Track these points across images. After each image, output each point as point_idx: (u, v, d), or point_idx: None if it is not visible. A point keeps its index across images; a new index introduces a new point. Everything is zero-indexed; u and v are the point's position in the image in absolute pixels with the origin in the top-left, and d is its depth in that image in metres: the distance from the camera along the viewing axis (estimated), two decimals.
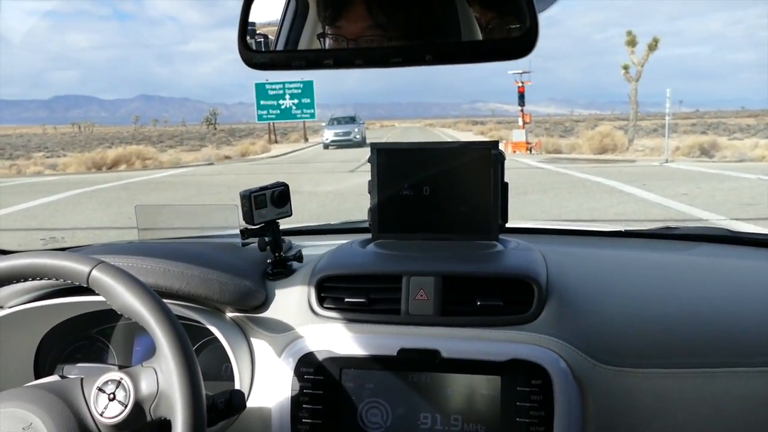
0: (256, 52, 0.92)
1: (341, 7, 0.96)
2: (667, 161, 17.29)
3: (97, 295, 0.96)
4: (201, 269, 1.22)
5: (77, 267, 0.93)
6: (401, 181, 1.36)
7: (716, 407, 1.07)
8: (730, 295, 1.25)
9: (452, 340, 1.13)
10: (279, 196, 1.32)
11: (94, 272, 0.93)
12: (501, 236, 1.36)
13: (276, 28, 1.00)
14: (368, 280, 1.22)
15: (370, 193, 1.38)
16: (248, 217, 1.29)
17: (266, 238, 1.31)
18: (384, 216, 1.38)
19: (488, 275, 1.19)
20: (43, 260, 0.95)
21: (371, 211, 1.38)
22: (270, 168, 18.88)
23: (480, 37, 0.93)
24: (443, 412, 1.11)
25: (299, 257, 1.36)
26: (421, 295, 1.17)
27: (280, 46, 0.99)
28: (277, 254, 1.33)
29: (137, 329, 1.41)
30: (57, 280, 0.95)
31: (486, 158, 1.32)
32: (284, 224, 1.36)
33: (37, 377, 1.36)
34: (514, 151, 21.27)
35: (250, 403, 1.16)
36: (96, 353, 1.42)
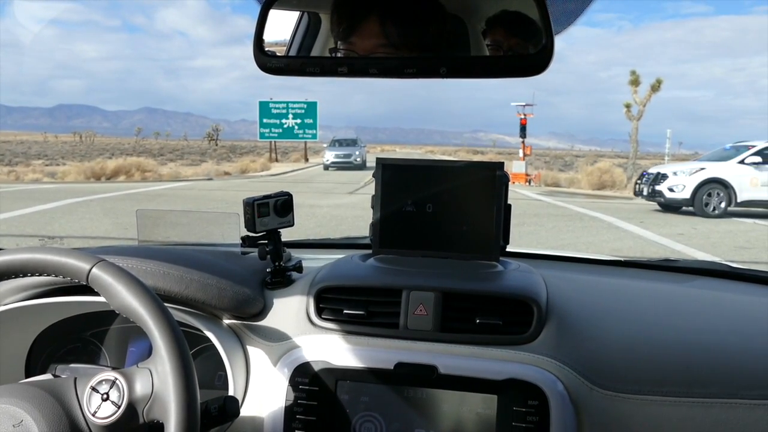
0: (271, 56, 0.93)
1: (355, 23, 0.97)
2: None
3: (95, 294, 0.95)
4: (200, 274, 1.21)
5: (78, 264, 0.93)
6: (405, 197, 1.36)
7: None
8: (728, 329, 1.25)
9: (450, 357, 1.13)
10: (282, 205, 1.32)
11: (95, 270, 0.92)
12: (501, 259, 1.35)
13: (285, 47, 1.00)
14: (368, 293, 1.21)
15: (373, 207, 1.38)
16: (250, 224, 1.29)
17: (267, 247, 1.31)
18: (385, 231, 1.37)
19: (488, 294, 1.18)
20: (44, 256, 0.94)
21: (373, 225, 1.38)
22: (268, 186, 18.81)
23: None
24: (438, 428, 1.10)
25: (299, 268, 1.35)
26: (421, 310, 1.17)
27: (291, 54, 1.00)
28: (277, 263, 1.33)
29: (131, 333, 1.40)
30: (56, 276, 0.94)
31: (491, 179, 1.32)
32: (284, 237, 1.36)
33: (27, 377, 1.34)
34: (513, 182, 21.34)
35: (243, 412, 1.15)
36: (89, 356, 1.40)
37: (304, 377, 1.14)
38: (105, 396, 0.89)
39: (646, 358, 1.14)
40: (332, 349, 1.16)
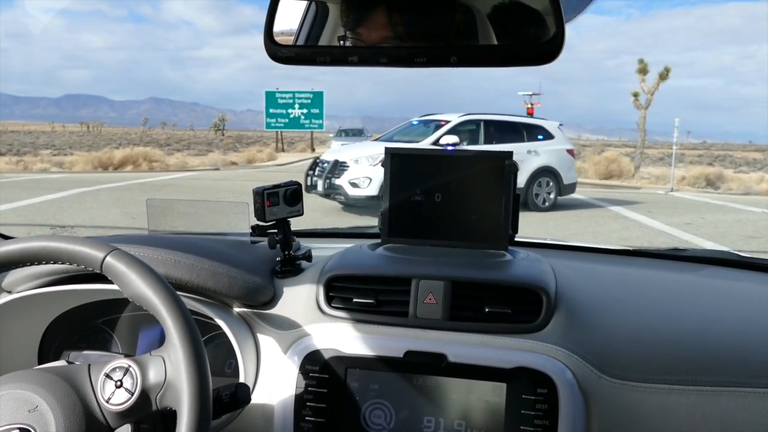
0: (281, 46, 0.92)
1: (362, 15, 0.97)
2: (672, 190, 17.29)
3: (107, 282, 0.96)
4: (211, 262, 1.22)
5: (92, 252, 0.93)
6: (414, 186, 1.36)
7: (720, 426, 1.07)
8: (736, 317, 1.25)
9: (459, 345, 1.13)
10: (292, 194, 1.32)
11: (108, 258, 0.93)
12: (510, 248, 1.36)
13: (293, 36, 1.00)
14: (377, 282, 1.22)
15: (381, 196, 1.38)
16: (260, 213, 1.29)
17: (277, 236, 1.32)
18: (394, 220, 1.38)
19: (497, 283, 1.19)
20: (58, 244, 0.95)
21: (382, 214, 1.39)
22: (275, 176, 18.80)
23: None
24: (447, 416, 1.11)
25: (308, 256, 1.36)
26: (430, 299, 1.17)
27: (300, 43, 1.00)
28: (286, 252, 1.33)
29: (142, 321, 1.41)
30: (70, 264, 0.95)
31: (499, 168, 1.32)
32: (293, 226, 1.36)
33: (40, 363, 1.36)
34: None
35: (253, 399, 1.16)
36: (100, 343, 1.42)
37: (315, 365, 1.15)
38: (119, 383, 0.90)
39: (654, 347, 1.14)
40: (342, 337, 1.17)
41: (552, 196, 11.90)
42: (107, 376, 0.91)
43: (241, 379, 1.17)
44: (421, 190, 1.36)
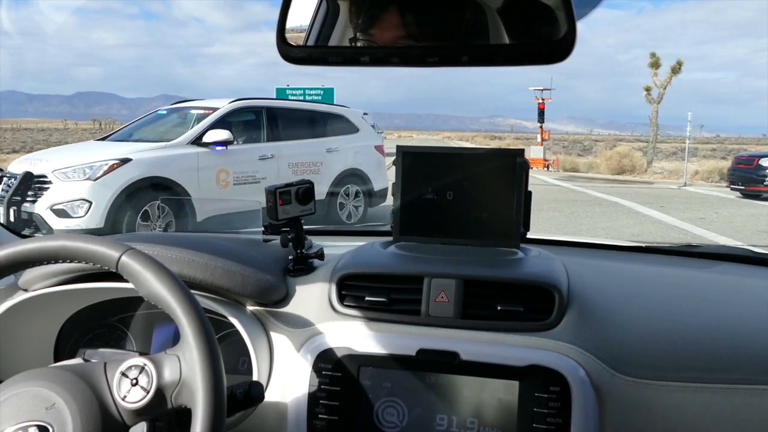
0: (293, 46, 0.93)
1: (374, 15, 0.97)
2: (685, 185, 17.19)
3: (122, 281, 0.96)
4: (224, 261, 1.23)
5: (108, 252, 0.94)
6: (425, 184, 1.36)
7: (734, 423, 1.06)
8: (750, 314, 1.25)
9: (472, 343, 1.13)
10: (304, 193, 1.33)
11: (124, 258, 0.94)
12: (522, 246, 1.36)
13: (304, 33, 1.00)
14: (389, 280, 1.22)
15: (393, 195, 1.38)
16: (272, 212, 1.30)
17: (289, 235, 1.32)
18: (406, 218, 1.38)
19: (509, 281, 1.19)
20: (75, 243, 0.96)
21: (394, 213, 1.39)
22: None
23: None
24: (460, 414, 1.11)
25: (321, 255, 1.37)
26: (442, 297, 1.18)
27: (311, 43, 1.00)
28: (298, 251, 1.34)
29: (156, 319, 1.42)
30: (86, 263, 0.96)
31: (511, 166, 1.32)
32: (305, 225, 1.37)
33: (56, 361, 1.37)
34: (532, 167, 21.09)
35: (267, 397, 1.16)
36: (115, 341, 1.43)
37: (327, 363, 1.16)
38: (134, 381, 0.91)
39: (668, 344, 1.14)
40: (355, 335, 1.17)
41: (360, 209, 9.06)
42: (123, 374, 0.91)
43: (255, 377, 1.17)
44: (433, 188, 1.36)
